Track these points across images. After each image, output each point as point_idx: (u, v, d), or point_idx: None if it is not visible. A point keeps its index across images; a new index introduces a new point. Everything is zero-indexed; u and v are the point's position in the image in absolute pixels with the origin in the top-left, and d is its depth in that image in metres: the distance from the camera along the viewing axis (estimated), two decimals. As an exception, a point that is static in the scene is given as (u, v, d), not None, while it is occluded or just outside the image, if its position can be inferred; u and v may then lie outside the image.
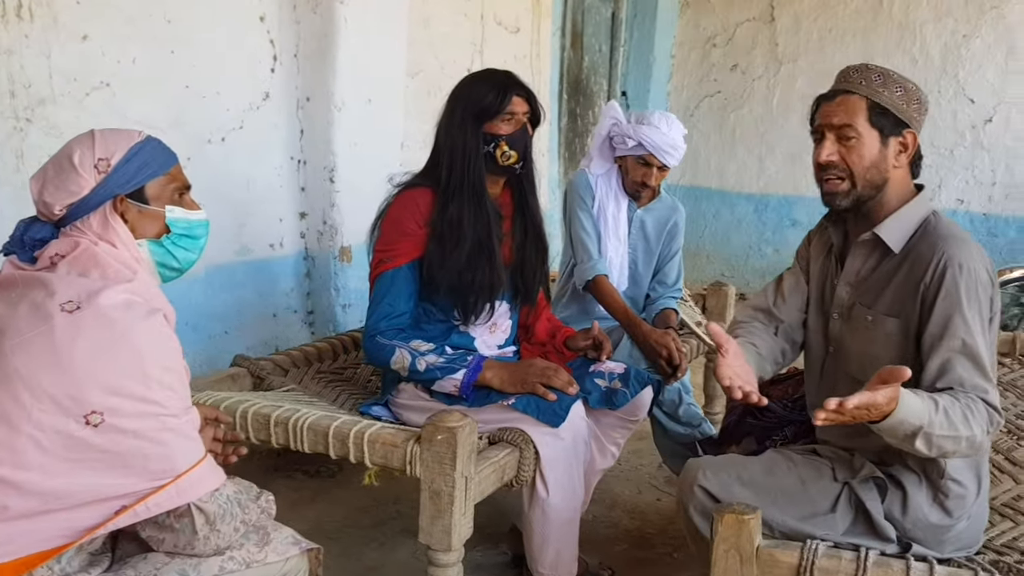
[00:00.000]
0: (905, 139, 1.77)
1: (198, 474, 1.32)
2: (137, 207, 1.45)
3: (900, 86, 1.77)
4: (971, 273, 1.67)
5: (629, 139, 2.79)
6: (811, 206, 6.27)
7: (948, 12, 5.65)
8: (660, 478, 3.27)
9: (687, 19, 6.63)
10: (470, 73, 2.33)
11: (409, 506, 2.97)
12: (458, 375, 2.15)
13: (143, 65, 2.71)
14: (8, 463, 1.20)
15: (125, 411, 1.25)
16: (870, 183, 1.78)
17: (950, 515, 1.72)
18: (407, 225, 2.20)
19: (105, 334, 1.26)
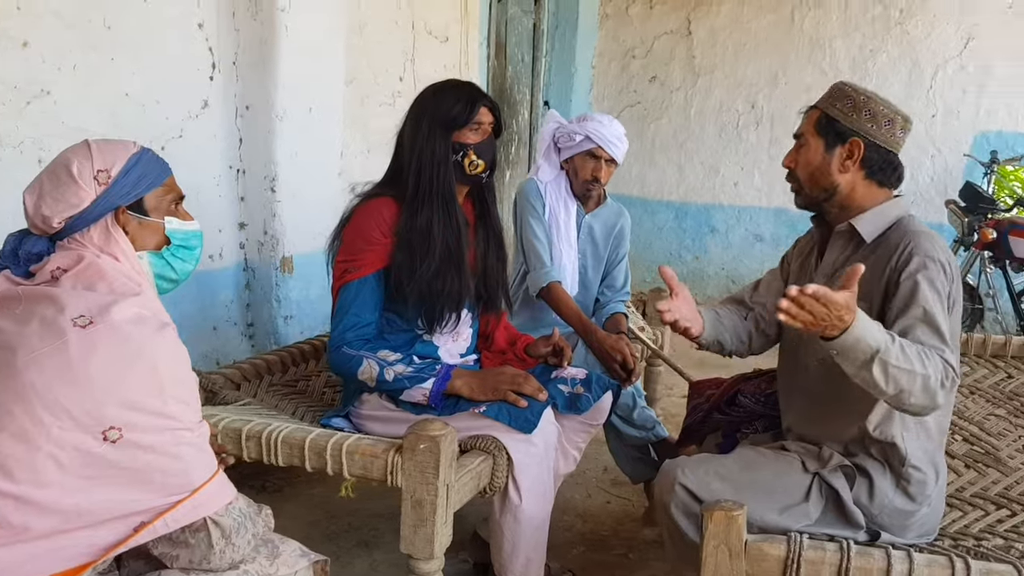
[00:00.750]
0: (851, 147, 1.89)
1: (213, 487, 1.31)
2: (137, 219, 1.44)
3: (851, 99, 1.91)
4: (935, 262, 1.79)
5: (576, 135, 2.87)
6: (728, 214, 6.50)
7: (856, 28, 5.93)
8: (607, 481, 3.33)
9: (607, 31, 6.76)
10: (432, 84, 2.33)
11: (362, 519, 2.95)
12: (427, 384, 2.15)
13: (83, 72, 2.62)
14: (28, 482, 1.17)
15: (142, 426, 1.23)
16: (816, 186, 1.95)
17: (913, 500, 1.82)
18: (372, 234, 2.19)
19: (120, 349, 1.24)
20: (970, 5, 5.66)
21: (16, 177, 2.43)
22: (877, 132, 1.89)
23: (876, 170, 1.92)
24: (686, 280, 6.55)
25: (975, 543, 1.86)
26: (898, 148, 1.93)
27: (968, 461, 2.31)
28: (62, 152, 1.45)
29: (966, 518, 2.01)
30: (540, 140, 3.01)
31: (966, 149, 5.69)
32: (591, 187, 2.97)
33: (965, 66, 5.73)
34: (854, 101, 1.90)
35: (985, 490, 2.16)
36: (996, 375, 2.87)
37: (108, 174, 1.39)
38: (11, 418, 1.18)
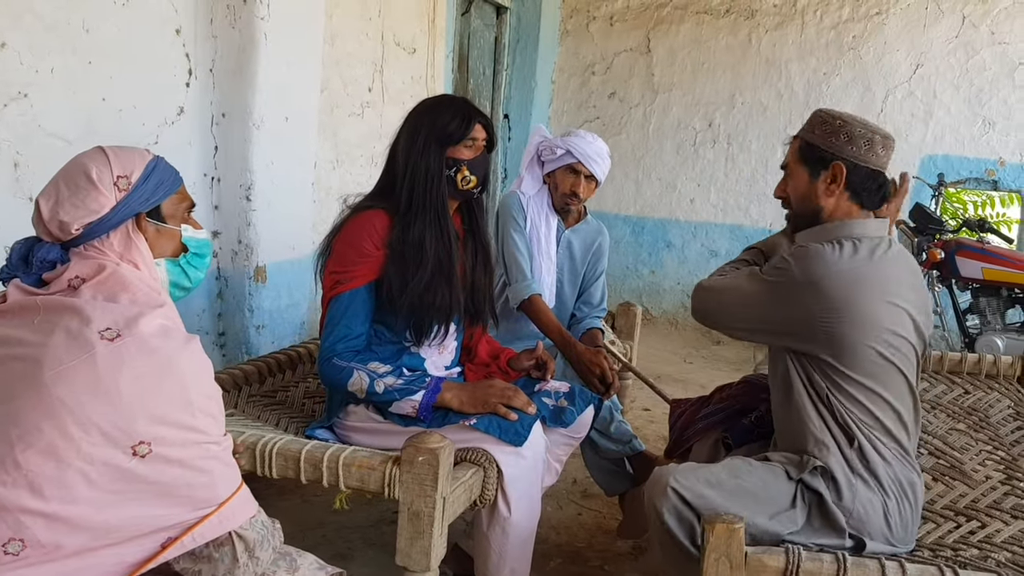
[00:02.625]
0: (834, 172, 1.96)
1: (238, 501, 1.31)
2: (155, 226, 1.43)
3: (828, 124, 1.98)
4: (780, 260, 1.96)
5: (558, 148, 2.91)
6: (684, 230, 6.61)
7: (811, 52, 6.10)
8: (577, 493, 3.36)
9: (567, 47, 6.84)
10: (427, 98, 2.35)
11: (334, 530, 2.93)
12: (417, 396, 2.16)
13: (61, 76, 2.58)
14: (57, 499, 1.15)
15: (171, 440, 1.22)
16: (805, 210, 2.04)
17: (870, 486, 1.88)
18: (364, 246, 2.20)
19: (149, 363, 1.23)
20: (919, 34, 5.87)
21: (-8, 181, 2.40)
22: (857, 153, 1.94)
23: (860, 190, 1.97)
24: (643, 294, 6.66)
25: (952, 553, 1.94)
26: (883, 166, 1.98)
27: (936, 474, 2.39)
28: (76, 158, 1.43)
29: (940, 529, 2.08)
30: (525, 153, 3.05)
31: (914, 171, 5.88)
32: (569, 201, 3.00)
33: (913, 91, 5.93)
34: (831, 126, 1.97)
35: (954, 502, 2.24)
36: (954, 391, 2.98)
37: (128, 180, 1.38)
38: (40, 434, 1.16)
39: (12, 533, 1.14)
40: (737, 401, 2.40)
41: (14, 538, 1.14)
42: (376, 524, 3.01)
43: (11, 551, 1.14)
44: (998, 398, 2.90)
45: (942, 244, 5.07)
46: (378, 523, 3.02)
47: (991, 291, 5.01)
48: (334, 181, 4.14)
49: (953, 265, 4.99)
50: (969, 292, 5.19)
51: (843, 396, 1.91)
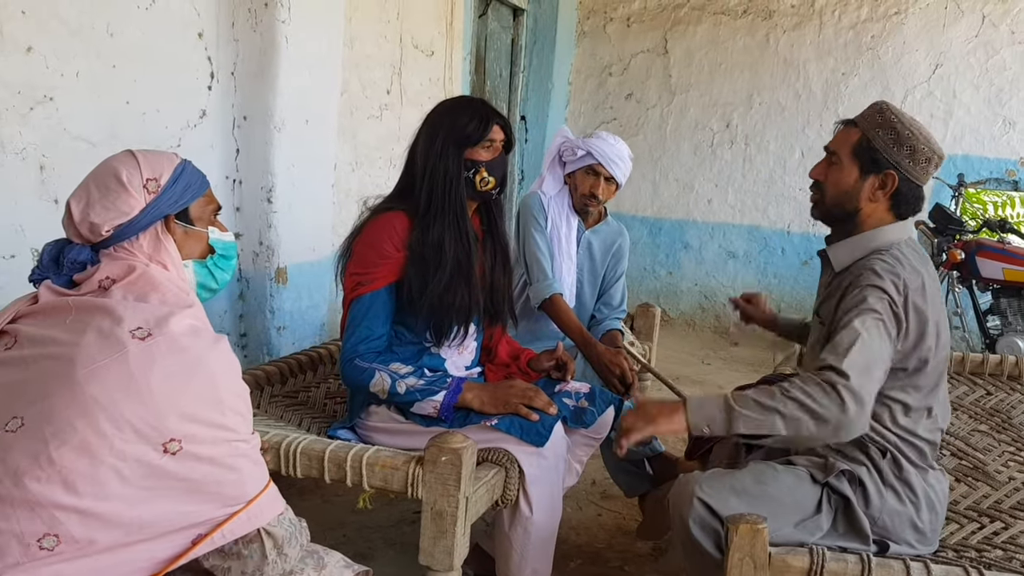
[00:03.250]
0: (885, 179, 1.92)
1: (267, 498, 1.32)
2: (183, 228, 1.45)
3: (895, 131, 1.92)
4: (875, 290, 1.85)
5: (578, 150, 2.94)
6: (702, 231, 6.60)
7: (829, 52, 6.08)
8: (596, 494, 3.36)
9: (584, 48, 6.84)
10: (445, 100, 2.37)
11: (355, 530, 2.95)
12: (438, 397, 2.17)
13: (85, 79, 2.61)
14: (91, 495, 1.17)
15: (201, 438, 1.24)
16: (838, 205, 1.99)
17: (901, 500, 1.88)
18: (385, 248, 2.21)
19: (179, 361, 1.25)
20: (938, 33, 5.84)
21: (18, 183, 2.43)
22: (912, 168, 1.92)
23: (901, 202, 1.95)
24: (660, 295, 6.66)
25: (977, 554, 1.93)
26: (925, 182, 1.98)
27: (959, 475, 2.38)
28: (106, 161, 1.45)
29: (963, 530, 2.08)
30: (547, 153, 3.06)
31: (934, 172, 5.84)
32: (588, 202, 3.02)
33: (933, 91, 5.90)
34: (898, 135, 1.90)
35: (978, 503, 2.23)
36: (976, 392, 2.97)
37: (157, 183, 1.41)
38: (73, 431, 1.17)
39: (47, 528, 1.16)
40: None
41: (49, 533, 1.16)
42: (397, 524, 3.02)
43: (46, 546, 1.15)
44: (1020, 399, 2.88)
45: (962, 245, 5.04)
46: (399, 523, 3.03)
47: (1012, 292, 4.98)
48: (353, 183, 4.16)
49: (973, 266, 4.97)
50: (990, 293, 5.16)
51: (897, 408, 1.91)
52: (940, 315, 1.95)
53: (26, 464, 1.16)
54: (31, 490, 1.16)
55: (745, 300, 2.68)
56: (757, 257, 6.44)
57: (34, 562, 1.15)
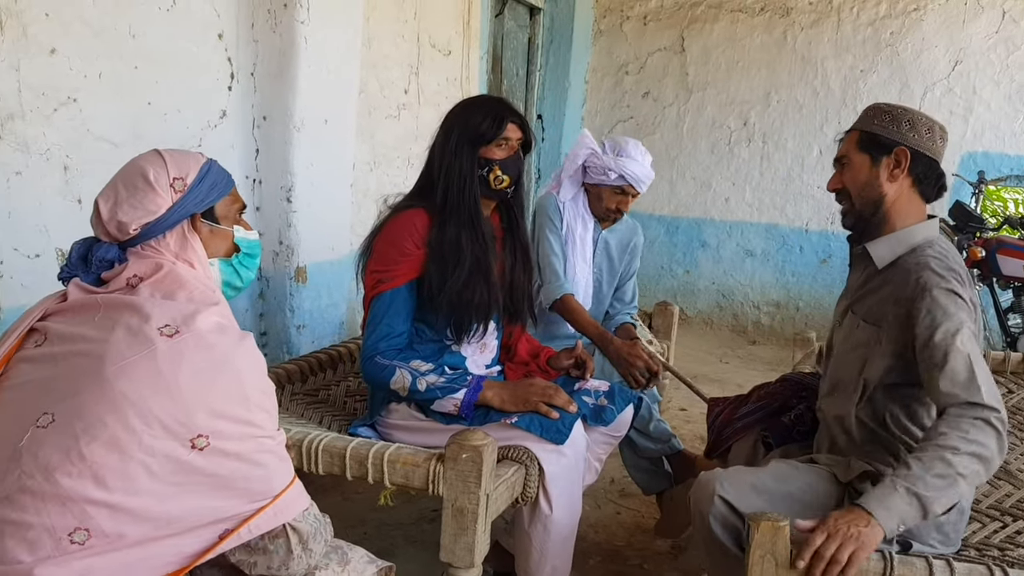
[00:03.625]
0: (897, 156, 1.93)
1: (292, 494, 1.33)
2: (209, 226, 1.47)
3: (887, 113, 1.96)
4: (950, 295, 1.80)
5: (611, 172, 2.91)
6: (719, 229, 6.58)
7: (847, 48, 6.05)
8: (615, 492, 3.37)
9: (600, 47, 6.83)
10: (464, 99, 2.38)
11: (375, 528, 2.97)
12: (459, 395, 2.18)
13: (108, 80, 2.63)
14: (121, 490, 1.18)
15: (228, 434, 1.25)
16: (866, 199, 1.97)
17: None
18: (406, 245, 2.22)
19: (206, 358, 1.26)
20: (958, 30, 5.80)
21: (43, 184, 2.46)
22: (920, 140, 1.92)
23: (922, 178, 1.94)
24: (677, 294, 6.64)
25: (1000, 553, 1.92)
26: (940, 157, 1.96)
27: (981, 474, 2.37)
28: (133, 160, 1.47)
29: (985, 529, 2.07)
30: (569, 160, 3.03)
31: (954, 169, 5.81)
32: (613, 216, 3.06)
33: (952, 88, 5.85)
34: (891, 115, 1.94)
35: (1000, 502, 2.22)
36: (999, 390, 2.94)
37: (184, 182, 1.42)
38: (103, 427, 1.19)
39: (78, 523, 1.17)
40: (776, 399, 2.39)
41: (80, 527, 1.17)
42: (417, 522, 3.04)
43: (77, 540, 1.17)
44: (1042, 397, 2.86)
45: (983, 242, 5.01)
46: (419, 521, 3.05)
47: (1033, 290, 4.95)
48: (371, 183, 4.18)
49: (994, 263, 4.94)
50: (1011, 291, 5.12)
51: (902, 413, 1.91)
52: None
53: (57, 459, 1.18)
54: (62, 485, 1.17)
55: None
56: (775, 255, 6.41)
57: (65, 556, 1.17)
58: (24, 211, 2.41)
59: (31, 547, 1.17)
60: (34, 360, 1.32)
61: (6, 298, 2.37)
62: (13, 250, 2.39)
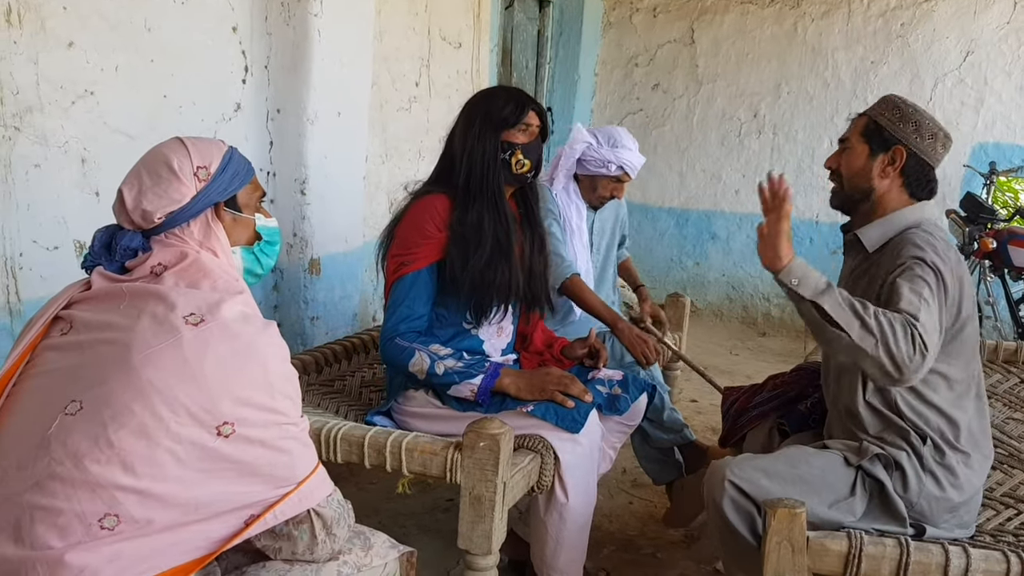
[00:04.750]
0: (894, 155, 2.00)
1: (316, 480, 1.35)
2: (232, 215, 1.48)
3: (900, 110, 2.01)
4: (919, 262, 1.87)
5: (611, 164, 3.00)
6: (730, 221, 6.58)
7: (858, 40, 6.03)
8: (627, 483, 3.38)
9: (610, 39, 6.83)
10: (483, 89, 2.41)
11: (389, 517, 2.99)
12: (476, 380, 2.19)
13: (125, 74, 2.65)
14: (148, 476, 1.20)
15: (253, 421, 1.26)
16: (855, 187, 2.07)
17: (941, 486, 1.88)
18: (427, 228, 2.24)
19: (232, 347, 1.28)
20: (969, 20, 5.77)
21: (61, 176, 2.48)
22: (919, 143, 1.99)
23: (912, 180, 2.02)
24: (687, 286, 6.64)
25: (1014, 539, 1.93)
26: (936, 163, 2.03)
27: (994, 463, 2.37)
28: (156, 149, 1.47)
29: (1000, 516, 2.07)
30: (565, 154, 3.08)
31: (965, 160, 5.80)
32: (607, 202, 3.19)
33: (964, 79, 5.83)
34: (902, 112, 2.01)
35: (1014, 490, 2.23)
36: (1010, 380, 2.96)
37: (207, 171, 1.43)
38: (131, 415, 1.20)
39: (107, 508, 1.19)
40: (791, 388, 2.41)
41: (109, 513, 1.19)
42: (431, 511, 3.06)
43: (107, 526, 1.19)
44: (1055, 387, 2.87)
45: (994, 233, 5.00)
46: (432, 510, 3.07)
47: (1046, 280, 4.94)
48: (383, 175, 4.19)
49: (1006, 254, 4.93)
50: (1022, 282, 5.11)
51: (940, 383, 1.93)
52: (971, 288, 1.99)
53: (86, 447, 1.19)
54: (92, 472, 1.19)
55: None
56: (785, 247, 6.40)
57: (95, 541, 1.18)
58: (42, 203, 2.43)
59: (62, 533, 1.18)
60: (60, 348, 1.33)
61: (25, 290, 2.39)
62: (32, 242, 2.41)
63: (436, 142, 2.38)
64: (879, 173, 2.02)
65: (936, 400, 1.92)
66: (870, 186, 2.04)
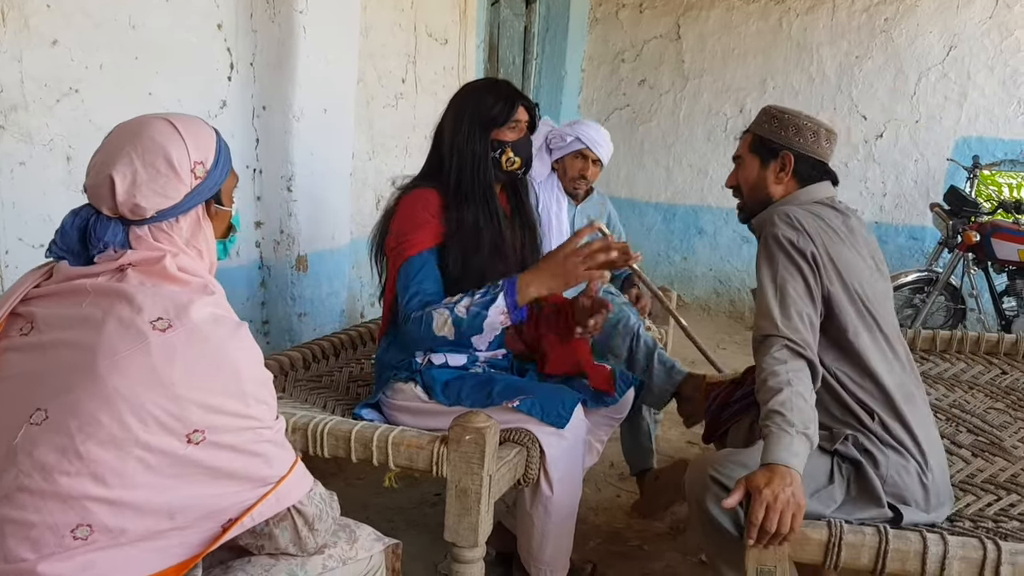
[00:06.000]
0: (783, 161, 2.12)
1: (294, 479, 1.33)
2: (215, 208, 1.41)
3: (776, 118, 2.14)
4: (770, 239, 1.98)
5: (567, 136, 3.21)
6: (716, 215, 6.61)
7: (842, 35, 6.07)
8: (614, 476, 3.41)
9: (597, 35, 6.85)
10: (471, 82, 2.42)
11: (377, 512, 3.01)
12: (500, 302, 2.09)
13: (109, 71, 2.65)
14: (120, 486, 1.17)
15: (225, 427, 1.24)
16: (755, 199, 2.20)
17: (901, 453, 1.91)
18: (422, 216, 2.24)
19: (201, 353, 1.23)
20: (952, 15, 5.82)
21: (46, 174, 2.48)
22: (804, 144, 2.11)
23: (807, 178, 2.14)
24: (675, 280, 6.67)
25: (994, 524, 1.96)
26: (827, 157, 2.16)
27: (975, 450, 2.41)
28: (147, 132, 1.35)
29: (980, 502, 2.10)
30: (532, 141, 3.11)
31: (948, 154, 5.84)
32: (578, 184, 3.31)
33: (947, 73, 5.88)
34: (780, 120, 2.13)
35: (994, 476, 2.26)
36: (991, 371, 2.99)
37: (204, 167, 1.35)
38: (99, 426, 1.17)
39: (79, 519, 1.16)
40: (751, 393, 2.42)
41: (82, 524, 1.17)
42: (418, 506, 3.08)
43: (80, 536, 1.16)
44: (1037, 378, 2.91)
45: (978, 227, 5.04)
46: (420, 505, 3.09)
47: (1028, 273, 4.98)
48: (369, 172, 4.20)
49: (989, 247, 4.97)
50: (1005, 274, 5.16)
51: (849, 369, 1.97)
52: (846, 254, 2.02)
53: (54, 459, 1.16)
54: (61, 484, 1.16)
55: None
56: (771, 242, 6.44)
57: (69, 551, 1.16)
58: (28, 201, 2.44)
59: (34, 545, 1.16)
60: (22, 350, 1.27)
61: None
62: (18, 240, 2.41)
63: (423, 138, 2.40)
64: (774, 180, 2.14)
65: (872, 365, 1.96)
66: (768, 195, 2.16)
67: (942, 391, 2.87)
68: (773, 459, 1.68)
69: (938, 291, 5.11)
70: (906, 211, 6.02)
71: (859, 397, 1.95)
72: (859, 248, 2.07)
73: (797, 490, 1.63)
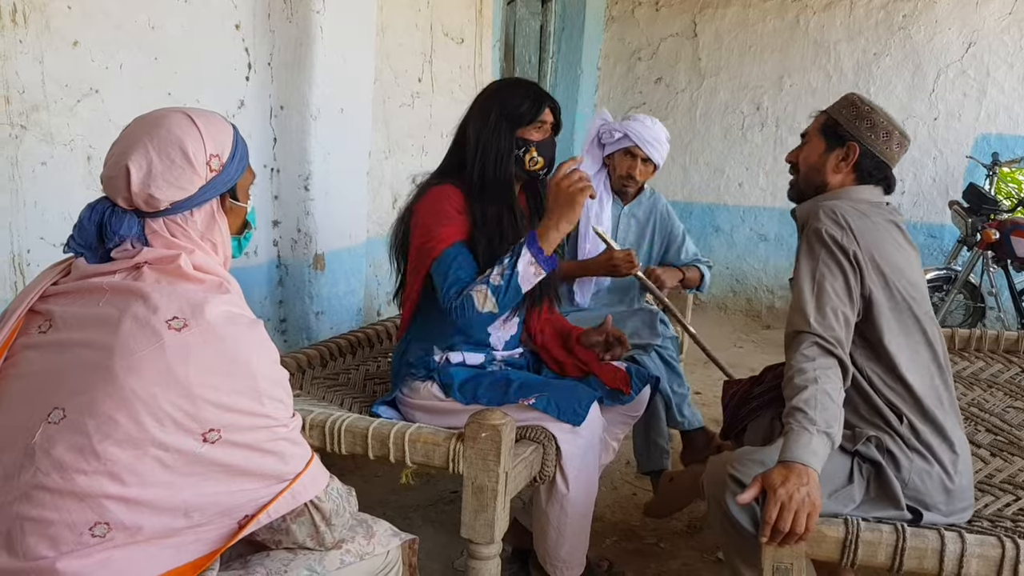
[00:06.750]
0: (847, 151, 2.07)
1: (310, 475, 1.34)
2: (231, 204, 1.41)
3: (856, 108, 2.09)
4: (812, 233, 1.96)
5: (616, 132, 3.07)
6: (733, 214, 6.59)
7: (860, 32, 6.04)
8: (630, 474, 3.40)
9: (613, 33, 6.84)
10: (497, 80, 2.44)
11: (394, 509, 3.02)
12: (526, 255, 2.13)
13: (129, 72, 2.68)
14: (137, 484, 1.19)
15: (240, 426, 1.24)
16: (809, 181, 2.15)
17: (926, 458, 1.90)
18: (448, 211, 2.24)
19: (216, 352, 1.24)
20: (971, 11, 5.78)
21: (67, 174, 2.51)
22: (874, 141, 2.06)
23: (866, 176, 2.09)
24: (690, 279, 6.64)
25: (1012, 525, 1.95)
26: (893, 161, 2.10)
27: (993, 450, 2.40)
28: (165, 124, 1.35)
29: (998, 502, 2.09)
30: (586, 135, 3.14)
31: (967, 151, 5.81)
32: (626, 183, 3.15)
33: (966, 70, 5.84)
34: (859, 110, 2.08)
35: (1013, 476, 2.25)
36: (1011, 370, 2.97)
37: (220, 160, 1.35)
38: (115, 425, 1.18)
39: (97, 517, 1.18)
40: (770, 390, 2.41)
41: (99, 521, 1.18)
42: (435, 503, 3.09)
43: (97, 534, 1.18)
44: (1056, 377, 2.88)
45: (997, 224, 5.01)
46: (437, 502, 3.10)
47: (1048, 271, 4.95)
48: (386, 171, 4.22)
49: (1009, 245, 4.94)
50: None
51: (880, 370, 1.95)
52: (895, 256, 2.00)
53: (71, 458, 1.18)
54: (79, 483, 1.17)
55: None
56: (788, 240, 6.42)
57: (87, 548, 1.17)
58: (49, 200, 2.46)
59: (53, 542, 1.17)
60: (40, 348, 1.28)
61: (33, 286, 2.42)
62: (39, 239, 2.44)
63: (439, 137, 2.40)
64: (833, 168, 2.09)
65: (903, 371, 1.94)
66: (823, 180, 2.11)
67: (961, 390, 2.85)
68: (791, 457, 1.67)
69: (957, 289, 5.07)
70: (925, 209, 5.98)
71: (888, 399, 1.94)
72: (908, 250, 2.06)
73: (813, 489, 1.63)
